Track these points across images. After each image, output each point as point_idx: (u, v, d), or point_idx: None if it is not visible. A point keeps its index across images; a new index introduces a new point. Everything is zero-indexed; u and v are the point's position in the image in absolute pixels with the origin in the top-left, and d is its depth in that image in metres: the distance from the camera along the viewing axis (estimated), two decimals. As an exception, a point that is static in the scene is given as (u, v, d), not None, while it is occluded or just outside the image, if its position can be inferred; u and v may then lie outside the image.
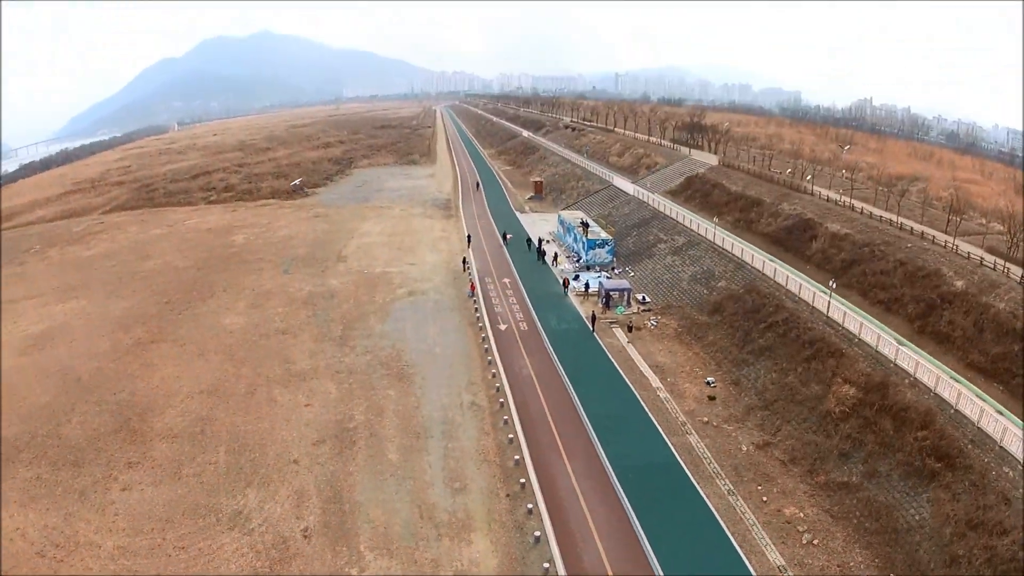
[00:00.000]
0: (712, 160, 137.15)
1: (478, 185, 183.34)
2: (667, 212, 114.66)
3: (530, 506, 45.39)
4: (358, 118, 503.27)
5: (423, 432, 55.16)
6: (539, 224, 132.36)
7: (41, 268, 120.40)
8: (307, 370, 66.71)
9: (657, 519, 44.65)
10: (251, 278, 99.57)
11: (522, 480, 48.54)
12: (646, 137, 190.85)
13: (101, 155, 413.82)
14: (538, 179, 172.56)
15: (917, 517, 44.03)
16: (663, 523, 44.29)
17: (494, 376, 65.71)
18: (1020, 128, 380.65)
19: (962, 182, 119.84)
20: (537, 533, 42.79)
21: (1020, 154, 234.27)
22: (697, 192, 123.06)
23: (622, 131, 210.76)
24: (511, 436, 54.39)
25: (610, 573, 39.63)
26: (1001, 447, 44.74)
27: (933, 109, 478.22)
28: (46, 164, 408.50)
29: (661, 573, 39.56)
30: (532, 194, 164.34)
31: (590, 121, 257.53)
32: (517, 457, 51.38)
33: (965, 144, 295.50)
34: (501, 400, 60.91)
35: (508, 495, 47.20)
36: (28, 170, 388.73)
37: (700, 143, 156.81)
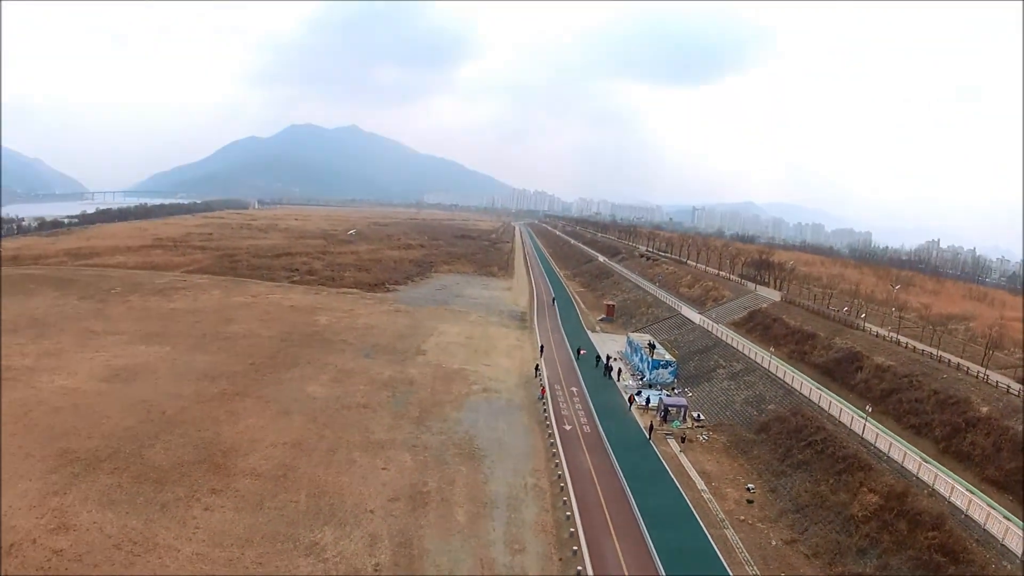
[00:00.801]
0: (775, 296, 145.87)
1: (553, 301, 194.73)
2: (728, 341, 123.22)
3: (579, 568, 53.42)
4: (438, 224, 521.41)
5: (489, 503, 63.47)
6: (608, 343, 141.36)
7: (122, 310, 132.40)
8: (385, 440, 75.45)
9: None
10: (333, 356, 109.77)
11: (574, 548, 56.56)
12: (716, 271, 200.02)
13: (181, 218, 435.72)
14: (610, 302, 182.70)
15: None
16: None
17: (556, 466, 73.92)
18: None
19: (1008, 320, 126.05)
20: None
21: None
22: (758, 325, 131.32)
23: (694, 264, 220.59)
24: (568, 514, 62.44)
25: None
26: (1003, 544, 51.93)
27: (999, 249, 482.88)
28: (123, 215, 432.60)
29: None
30: (603, 316, 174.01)
31: (664, 252, 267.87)
32: (572, 530, 59.45)
33: (977, 277, 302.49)
34: (561, 485, 69.06)
35: (561, 559, 55.19)
36: (105, 216, 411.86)
37: (766, 279, 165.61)
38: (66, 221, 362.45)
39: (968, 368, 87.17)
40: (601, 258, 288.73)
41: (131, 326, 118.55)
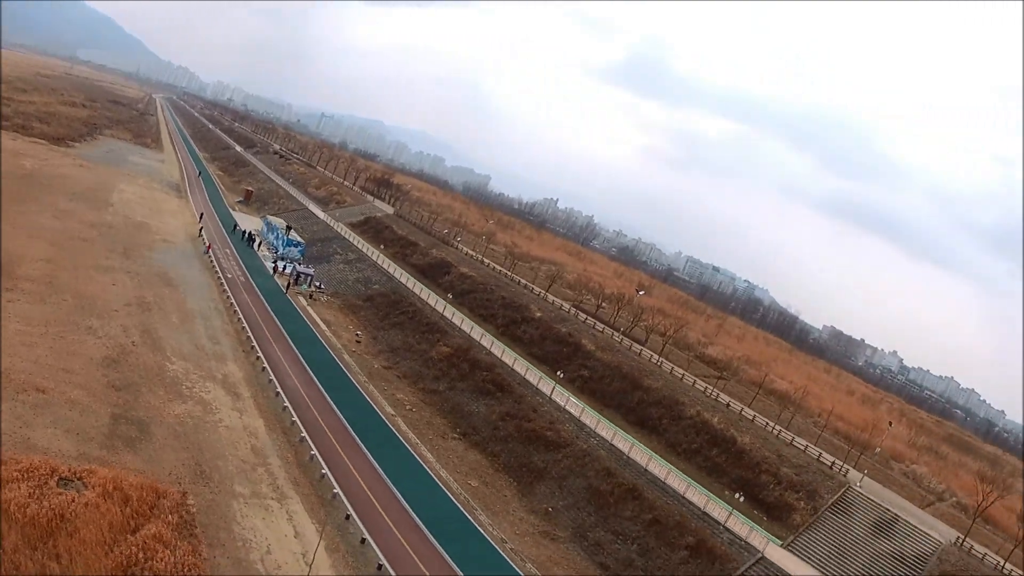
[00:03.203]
0: (389, 210, 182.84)
1: (199, 176, 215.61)
2: (346, 236, 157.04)
3: (258, 355, 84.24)
4: (92, 85, 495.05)
5: (191, 313, 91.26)
6: (246, 221, 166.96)
7: None
8: (107, 266, 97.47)
9: (325, 380, 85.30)
10: (50, 197, 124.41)
11: (252, 344, 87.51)
12: (342, 180, 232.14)
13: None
14: (249, 188, 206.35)
15: (477, 409, 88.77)
16: (328, 384, 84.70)
17: (227, 298, 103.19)
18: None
19: (592, 272, 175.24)
20: (263, 366, 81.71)
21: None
22: (372, 229, 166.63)
23: (322, 169, 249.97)
24: (243, 327, 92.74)
25: (294, 378, 80.00)
26: (536, 388, 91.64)
27: (619, 223, 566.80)
28: None
29: (325, 392, 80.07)
30: (241, 199, 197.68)
31: (296, 153, 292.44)
32: (248, 336, 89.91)
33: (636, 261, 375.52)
34: (235, 310, 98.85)
35: (244, 351, 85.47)
36: None
37: (384, 196, 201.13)
38: None
39: (535, 289, 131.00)
40: (238, 148, 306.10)
41: None
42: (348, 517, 56.91)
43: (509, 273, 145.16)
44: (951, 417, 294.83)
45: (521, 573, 59.11)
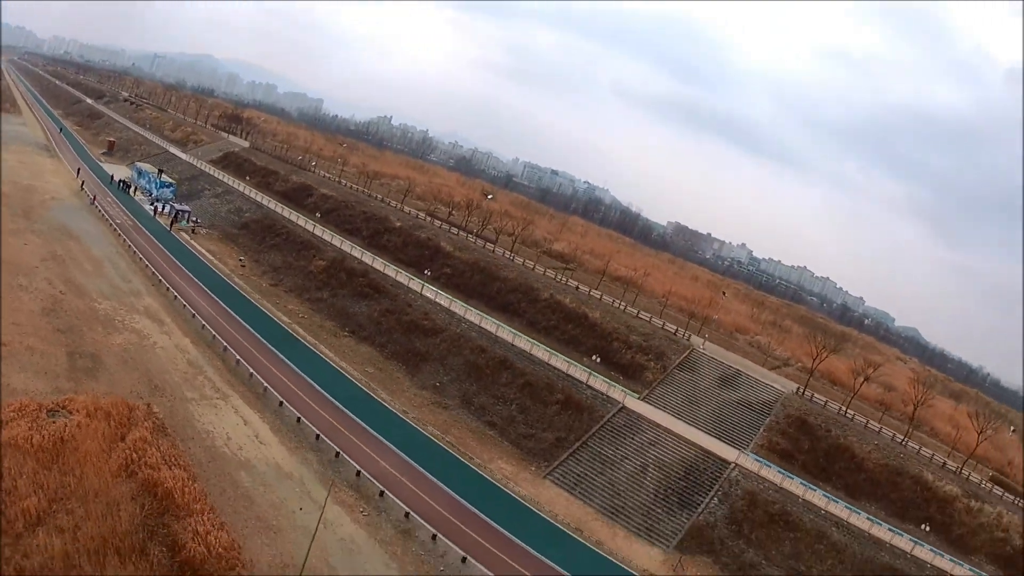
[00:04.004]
0: (244, 144, 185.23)
1: (60, 131, 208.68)
2: (211, 173, 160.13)
3: (167, 287, 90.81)
4: None
5: (99, 260, 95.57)
6: (116, 170, 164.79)
7: None
8: (14, 229, 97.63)
9: (227, 300, 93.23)
10: None
11: (159, 279, 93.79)
12: (194, 120, 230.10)
13: None
14: (111, 139, 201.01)
15: (360, 310, 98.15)
16: (231, 304, 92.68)
17: (124, 242, 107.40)
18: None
19: (438, 184, 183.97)
20: (174, 295, 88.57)
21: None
22: (232, 163, 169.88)
23: (173, 112, 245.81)
24: (146, 264, 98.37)
25: (202, 302, 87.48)
26: (407, 287, 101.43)
27: (455, 134, 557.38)
28: None
29: (230, 310, 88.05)
30: (105, 150, 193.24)
31: (145, 98, 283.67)
32: (153, 272, 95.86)
33: (475, 169, 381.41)
34: (134, 251, 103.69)
35: (153, 284, 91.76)
36: None
37: (236, 131, 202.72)
38: None
39: (391, 202, 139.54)
40: (89, 100, 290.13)
41: None
42: (281, 404, 67.26)
43: (366, 191, 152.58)
44: (802, 302, 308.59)
45: (426, 434, 71.22)
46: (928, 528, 76.36)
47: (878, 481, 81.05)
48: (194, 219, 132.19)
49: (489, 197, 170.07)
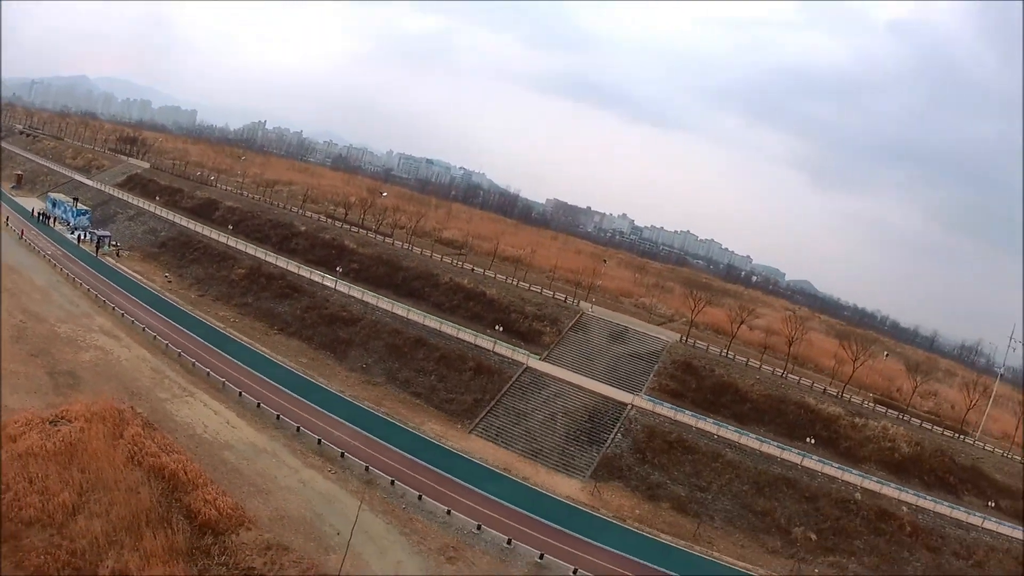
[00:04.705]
0: (145, 165, 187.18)
1: None
2: (119, 196, 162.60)
3: (113, 307, 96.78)
4: None
5: (44, 289, 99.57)
6: (29, 203, 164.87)
7: None
8: None
9: (167, 313, 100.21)
10: None
11: (103, 300, 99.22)
12: (92, 146, 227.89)
13: None
14: (19, 172, 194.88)
15: (283, 310, 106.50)
16: (171, 316, 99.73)
17: (60, 269, 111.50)
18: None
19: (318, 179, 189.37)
20: (121, 313, 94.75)
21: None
22: (138, 185, 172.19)
23: (70, 140, 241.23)
24: (88, 289, 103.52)
25: (147, 316, 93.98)
26: (322, 284, 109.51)
27: (328, 133, 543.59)
28: None
29: (172, 322, 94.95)
30: (14, 184, 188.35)
31: (39, 129, 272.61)
32: (95, 295, 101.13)
33: (352, 166, 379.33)
34: (73, 278, 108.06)
35: (100, 306, 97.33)
36: None
37: (133, 152, 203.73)
38: None
39: (292, 208, 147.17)
40: None
41: None
42: (240, 394, 76.30)
43: (267, 200, 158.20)
44: (686, 265, 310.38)
45: (364, 407, 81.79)
46: (813, 442, 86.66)
47: (763, 409, 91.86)
48: (114, 243, 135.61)
49: (383, 195, 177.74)
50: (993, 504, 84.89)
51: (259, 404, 74.19)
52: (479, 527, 60.43)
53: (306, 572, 48.36)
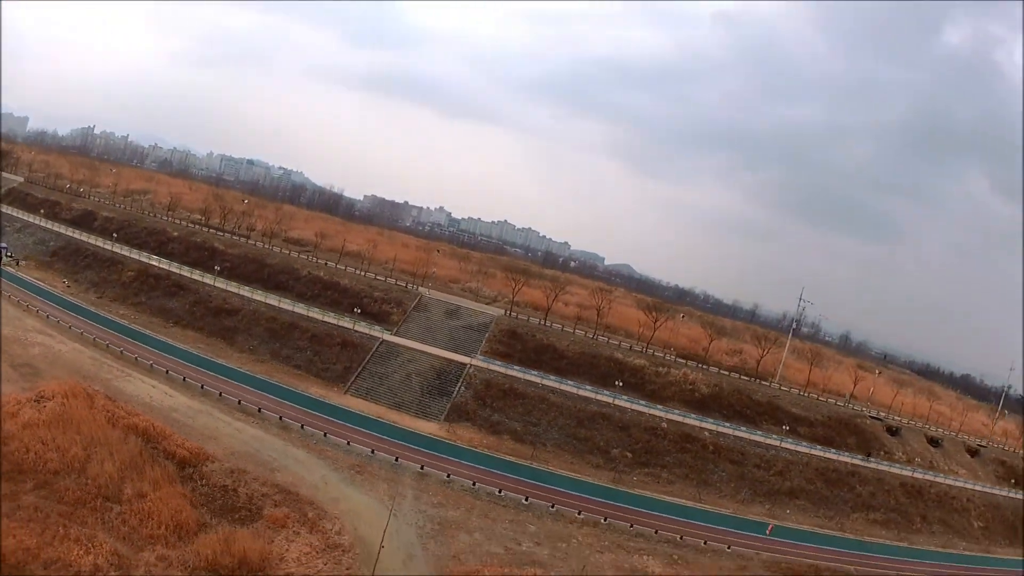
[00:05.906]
0: (19, 179, 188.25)
1: None
2: (3, 211, 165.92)
3: (36, 310, 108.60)
4: None
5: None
6: None
7: None
8: None
9: (78, 312, 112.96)
10: None
11: (25, 305, 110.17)
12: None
13: None
14: None
15: (174, 305, 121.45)
16: (82, 314, 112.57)
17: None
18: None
19: (162, 185, 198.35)
20: (45, 315, 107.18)
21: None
22: (17, 199, 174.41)
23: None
24: (10, 295, 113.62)
25: (66, 316, 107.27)
26: (203, 282, 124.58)
27: (153, 136, 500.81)
28: None
29: (88, 320, 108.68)
30: None
31: None
32: (18, 300, 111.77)
33: (178, 169, 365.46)
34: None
35: (23, 310, 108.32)
36: None
37: (5, 167, 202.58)
38: None
39: (162, 216, 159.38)
40: None
41: None
42: (168, 372, 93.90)
43: (137, 210, 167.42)
44: (505, 253, 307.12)
45: (261, 378, 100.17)
46: (622, 385, 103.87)
47: (579, 363, 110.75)
48: (10, 254, 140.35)
49: (245, 202, 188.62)
50: (788, 428, 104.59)
51: (184, 379, 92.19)
52: (372, 451, 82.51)
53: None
